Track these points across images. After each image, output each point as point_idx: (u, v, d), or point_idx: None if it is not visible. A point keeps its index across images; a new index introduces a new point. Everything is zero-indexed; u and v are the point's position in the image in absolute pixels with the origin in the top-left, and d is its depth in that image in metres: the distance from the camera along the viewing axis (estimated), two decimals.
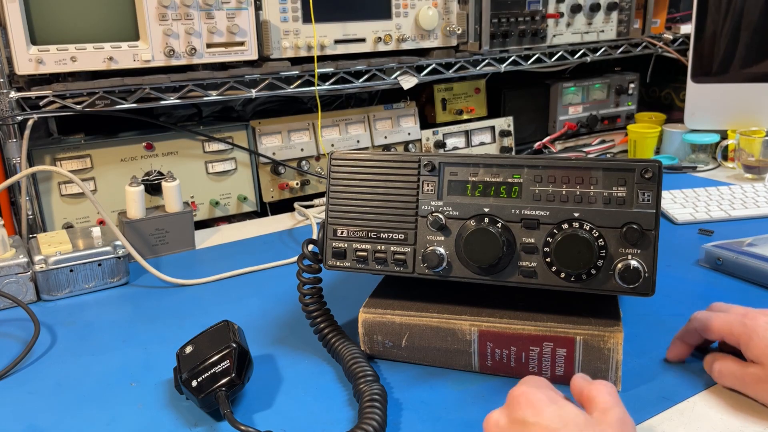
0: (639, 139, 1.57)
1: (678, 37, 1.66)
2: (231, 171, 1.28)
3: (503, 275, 0.68)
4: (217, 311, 0.89)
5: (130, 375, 0.74)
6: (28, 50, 1.01)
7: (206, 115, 1.40)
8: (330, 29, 1.23)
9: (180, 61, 1.11)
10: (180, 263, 1.06)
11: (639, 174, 0.64)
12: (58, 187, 1.13)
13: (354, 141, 1.39)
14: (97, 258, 0.95)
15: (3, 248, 0.92)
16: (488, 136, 1.55)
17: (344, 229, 0.72)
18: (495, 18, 1.37)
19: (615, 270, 0.64)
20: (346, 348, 0.71)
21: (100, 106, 1.10)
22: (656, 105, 1.84)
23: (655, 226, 0.64)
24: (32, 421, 0.66)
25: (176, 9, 1.09)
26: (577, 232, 0.64)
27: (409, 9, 1.30)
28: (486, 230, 0.66)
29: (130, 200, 1.05)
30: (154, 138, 1.20)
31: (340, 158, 0.72)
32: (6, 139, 1.06)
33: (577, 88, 1.64)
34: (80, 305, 0.92)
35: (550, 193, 0.66)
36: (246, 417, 0.65)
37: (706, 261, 0.97)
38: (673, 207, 1.19)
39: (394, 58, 1.32)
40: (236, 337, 0.68)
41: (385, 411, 0.62)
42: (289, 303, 0.90)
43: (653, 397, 0.66)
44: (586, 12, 1.49)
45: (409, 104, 1.45)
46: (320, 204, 1.32)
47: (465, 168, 0.69)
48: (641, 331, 0.78)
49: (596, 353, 0.66)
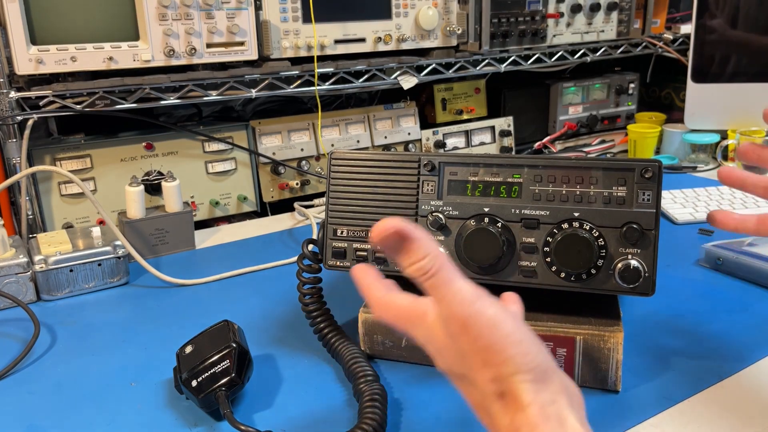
0: (639, 139, 1.57)
1: (678, 37, 1.66)
2: (231, 171, 1.28)
3: (503, 275, 0.68)
4: (217, 311, 0.89)
5: (130, 375, 0.74)
6: (28, 50, 1.01)
7: (206, 115, 1.40)
8: (330, 29, 1.23)
9: (180, 61, 1.11)
10: (180, 263, 1.06)
11: (639, 174, 0.64)
12: (58, 187, 1.12)
13: (354, 141, 1.39)
14: (97, 258, 0.95)
15: (3, 248, 0.92)
16: (488, 136, 1.55)
17: (344, 229, 0.72)
18: (495, 18, 1.37)
19: (615, 270, 0.64)
20: (346, 348, 0.71)
21: (100, 106, 1.10)
22: (656, 105, 1.84)
23: (655, 225, 0.64)
24: (32, 421, 0.66)
25: (176, 9, 1.09)
26: (577, 232, 0.64)
27: (409, 9, 1.30)
28: (486, 230, 0.66)
29: (130, 200, 1.05)
30: (154, 138, 1.20)
31: (340, 158, 0.72)
32: (6, 139, 1.06)
33: (577, 88, 1.64)
34: (80, 305, 0.92)
35: (550, 192, 0.66)
36: (246, 417, 0.65)
37: (706, 261, 0.97)
38: (673, 207, 1.19)
39: (394, 58, 1.32)
40: (236, 337, 0.68)
41: (385, 411, 0.62)
42: (289, 303, 0.90)
43: (653, 397, 0.66)
44: (586, 12, 1.49)
45: (409, 104, 1.45)
46: (320, 204, 1.32)
47: (465, 168, 0.69)
48: (641, 331, 0.78)
49: (596, 353, 0.66)
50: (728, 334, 0.77)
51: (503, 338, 0.43)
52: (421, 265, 0.45)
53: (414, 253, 0.45)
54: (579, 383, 0.67)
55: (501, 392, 0.43)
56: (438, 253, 0.45)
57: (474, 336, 0.43)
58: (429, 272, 0.45)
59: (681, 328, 0.79)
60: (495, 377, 0.43)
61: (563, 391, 0.43)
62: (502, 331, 0.43)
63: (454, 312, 0.44)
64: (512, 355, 0.42)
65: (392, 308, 0.48)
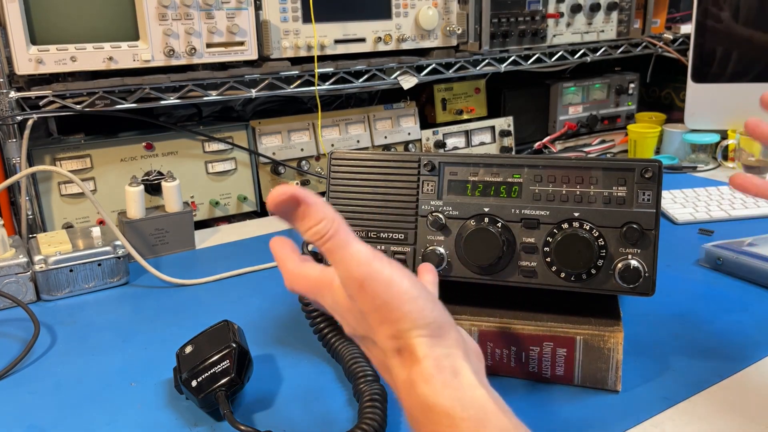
0: (639, 139, 1.57)
1: (678, 37, 1.66)
2: (231, 171, 1.28)
3: (503, 275, 0.68)
4: (217, 311, 0.89)
5: (130, 375, 0.74)
6: (28, 50, 1.01)
7: (206, 115, 1.40)
8: (330, 29, 1.23)
9: (180, 61, 1.11)
10: (180, 263, 1.06)
11: (639, 174, 0.64)
12: (58, 187, 1.12)
13: (354, 141, 1.39)
14: (97, 258, 0.95)
15: (3, 248, 0.92)
16: (488, 136, 1.55)
17: None
18: (495, 18, 1.37)
19: (615, 270, 0.64)
20: (346, 348, 0.71)
21: (100, 106, 1.10)
22: (656, 105, 1.84)
23: (655, 225, 0.64)
24: (32, 421, 0.66)
25: (176, 9, 1.09)
26: (577, 232, 0.64)
27: (409, 9, 1.30)
28: (486, 230, 0.66)
29: (130, 200, 1.05)
30: (154, 138, 1.20)
31: (340, 158, 0.72)
32: (6, 139, 1.06)
33: (577, 88, 1.64)
34: (80, 305, 0.92)
35: (550, 192, 0.66)
36: (246, 417, 0.65)
37: (706, 261, 0.97)
38: (673, 207, 1.19)
39: (394, 58, 1.32)
40: (236, 337, 0.68)
41: (385, 411, 0.62)
42: (289, 303, 0.90)
43: (653, 397, 0.66)
44: (586, 12, 1.49)
45: (409, 104, 1.45)
46: None
47: (465, 168, 0.69)
48: (641, 331, 0.78)
49: (596, 353, 0.66)
50: (728, 334, 0.77)
51: (399, 295, 0.44)
52: (317, 228, 0.46)
53: (310, 217, 0.46)
54: (579, 383, 0.68)
55: (398, 348, 0.45)
56: (334, 216, 0.46)
57: (371, 295, 0.44)
58: (325, 236, 0.46)
59: (681, 328, 0.79)
60: (393, 334, 0.45)
61: (459, 345, 0.45)
62: (397, 289, 0.44)
63: (352, 273, 0.45)
64: (408, 311, 0.44)
65: (303, 278, 0.50)
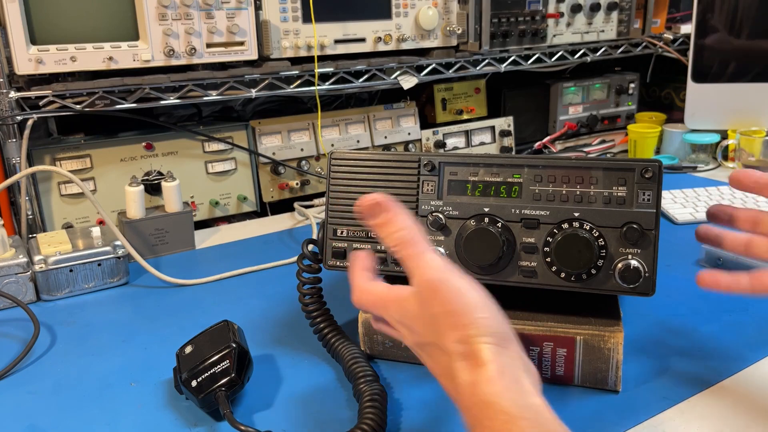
0: (639, 139, 1.57)
1: (678, 37, 1.66)
2: (231, 171, 1.28)
3: (503, 275, 0.67)
4: (217, 311, 0.89)
5: (130, 375, 0.74)
6: (27, 50, 1.01)
7: (206, 115, 1.40)
8: (330, 29, 1.23)
9: (180, 61, 1.11)
10: (180, 263, 1.06)
11: (639, 174, 0.64)
12: (57, 187, 1.12)
13: (354, 141, 1.39)
14: (96, 258, 0.95)
15: (3, 248, 0.92)
16: (488, 136, 1.55)
17: (344, 229, 0.72)
18: (495, 18, 1.37)
19: (615, 270, 0.64)
20: (346, 348, 0.71)
21: (99, 106, 1.10)
22: (656, 105, 1.84)
23: (655, 225, 0.64)
24: (32, 421, 0.66)
25: (176, 9, 1.09)
26: (577, 232, 0.64)
27: (409, 9, 1.30)
28: (486, 230, 0.66)
29: (129, 200, 1.05)
30: (154, 138, 1.20)
31: (340, 158, 0.72)
32: (6, 139, 1.06)
33: (577, 88, 1.64)
34: (80, 305, 0.92)
35: (550, 192, 0.66)
36: (246, 417, 0.65)
37: (707, 261, 0.97)
38: (674, 207, 1.19)
39: (394, 58, 1.32)
40: (236, 337, 0.68)
41: (385, 411, 0.62)
42: (289, 303, 0.90)
43: (653, 397, 0.66)
44: (586, 12, 1.49)
45: (409, 104, 1.45)
46: (320, 204, 1.32)
47: (465, 168, 0.69)
48: (641, 331, 0.78)
49: (596, 353, 0.66)
50: (728, 334, 0.77)
51: (470, 304, 0.48)
52: (399, 235, 0.52)
53: (393, 224, 0.53)
54: (579, 383, 0.68)
55: (465, 352, 0.47)
56: (414, 227, 0.52)
57: (443, 300, 0.48)
58: (406, 243, 0.52)
59: (681, 328, 0.79)
60: (461, 338, 0.47)
61: (520, 358, 0.48)
62: (468, 298, 0.48)
63: (427, 278, 0.50)
64: (477, 318, 0.47)
65: (370, 294, 0.55)
